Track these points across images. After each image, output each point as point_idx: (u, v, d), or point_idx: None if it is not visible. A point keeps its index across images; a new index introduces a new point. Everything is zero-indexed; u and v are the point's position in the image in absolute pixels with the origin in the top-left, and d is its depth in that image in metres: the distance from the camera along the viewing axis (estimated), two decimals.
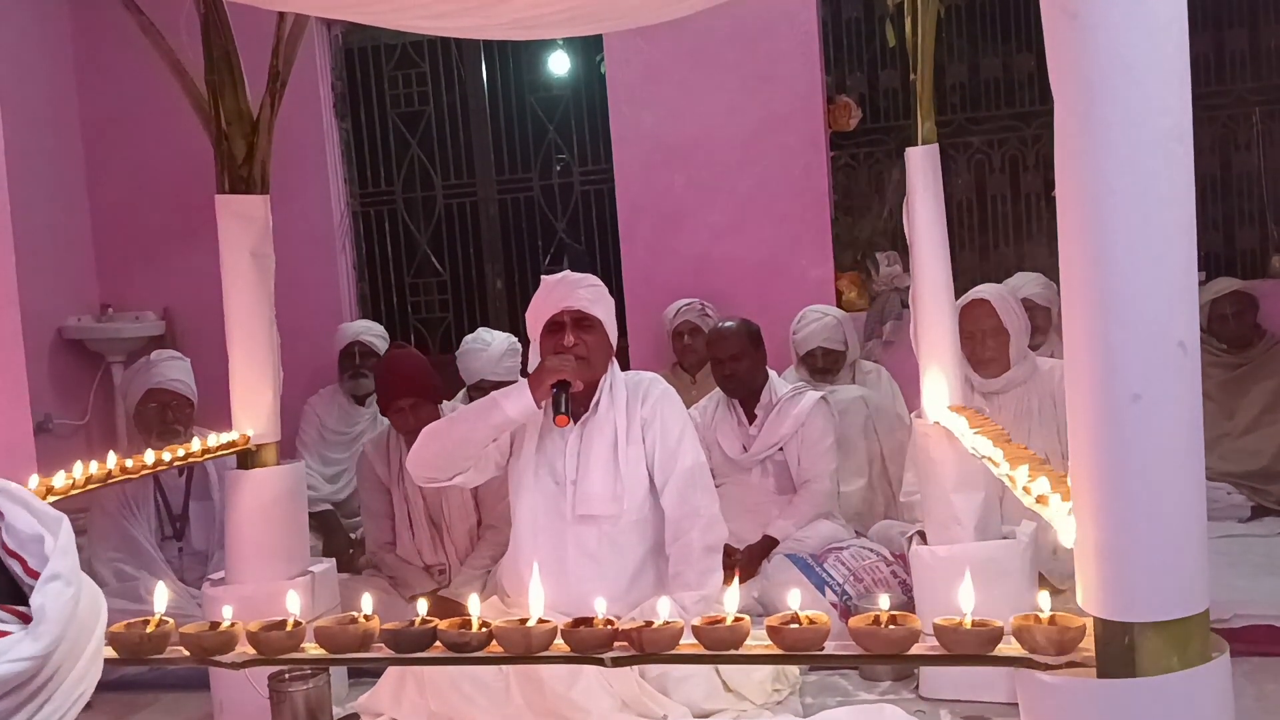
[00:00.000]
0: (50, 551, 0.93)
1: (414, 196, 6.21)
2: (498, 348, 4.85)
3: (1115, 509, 1.41)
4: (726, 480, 4.05)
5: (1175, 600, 1.41)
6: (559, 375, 2.87)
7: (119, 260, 6.07)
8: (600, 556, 3.01)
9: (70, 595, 0.91)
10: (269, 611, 1.83)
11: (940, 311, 2.91)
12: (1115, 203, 1.37)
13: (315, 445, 5.26)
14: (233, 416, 3.24)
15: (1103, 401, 1.40)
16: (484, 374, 4.79)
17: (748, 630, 1.63)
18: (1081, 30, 1.37)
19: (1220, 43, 5.45)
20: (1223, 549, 4.08)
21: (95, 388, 5.88)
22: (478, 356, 4.85)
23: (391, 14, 3.06)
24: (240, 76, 3.15)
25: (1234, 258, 5.50)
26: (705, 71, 5.48)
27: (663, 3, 3.18)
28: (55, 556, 0.92)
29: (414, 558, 4.01)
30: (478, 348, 4.88)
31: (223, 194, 3.19)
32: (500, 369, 4.79)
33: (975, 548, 2.89)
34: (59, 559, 0.92)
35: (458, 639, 1.68)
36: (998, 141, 5.66)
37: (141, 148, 5.91)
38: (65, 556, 0.93)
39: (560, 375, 2.87)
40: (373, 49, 6.13)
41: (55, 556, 0.92)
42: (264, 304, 3.23)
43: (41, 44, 5.82)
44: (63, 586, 0.91)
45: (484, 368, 4.81)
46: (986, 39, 5.65)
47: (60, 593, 0.90)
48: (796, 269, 5.45)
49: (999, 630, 1.54)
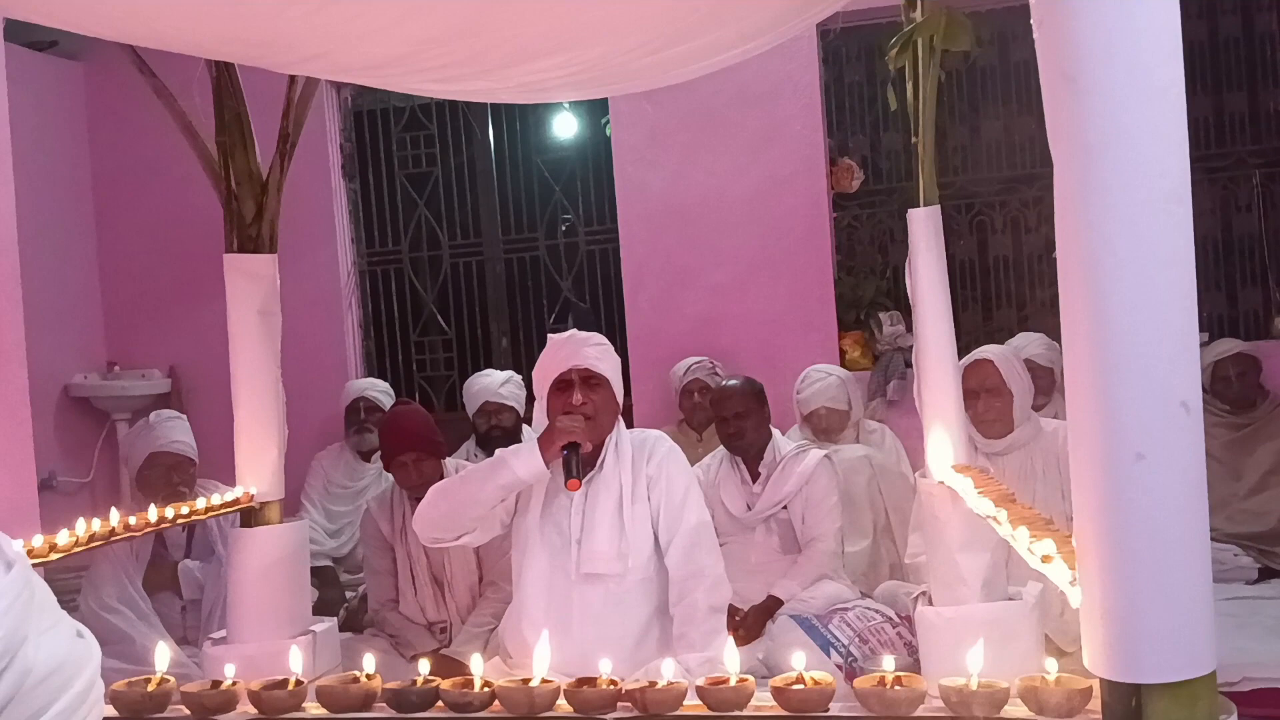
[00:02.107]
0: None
1: (420, 256, 6.25)
2: (499, 376, 5.16)
3: (1120, 569, 1.41)
4: (730, 539, 4.03)
5: (1182, 662, 1.40)
6: (570, 437, 2.85)
7: (126, 318, 6.11)
8: (605, 616, 2.98)
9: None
10: (270, 670, 1.82)
11: (944, 371, 2.91)
12: (1115, 264, 1.38)
13: (320, 499, 5.28)
14: (237, 474, 3.24)
15: (1106, 461, 1.40)
16: (486, 396, 5.04)
17: (752, 691, 1.62)
18: (1080, 94, 1.39)
19: (1220, 106, 5.51)
20: (1231, 611, 4.05)
21: (100, 445, 5.89)
22: (478, 382, 5.16)
23: (401, 78, 3.11)
24: (251, 138, 3.19)
25: (1236, 318, 5.51)
26: (709, 134, 5.55)
27: (667, 67, 3.22)
28: None
29: (417, 615, 3.99)
30: (479, 376, 5.23)
31: (231, 253, 3.22)
32: (503, 392, 5.04)
33: (981, 609, 2.87)
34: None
35: (460, 699, 1.67)
36: (999, 203, 5.71)
37: (150, 207, 5.97)
38: (3, 598, 0.84)
39: (571, 437, 2.86)
40: (381, 111, 6.21)
41: None
42: (270, 362, 3.25)
43: (54, 103, 5.90)
44: None
45: (486, 389, 5.06)
46: (987, 102, 5.72)
47: None
48: (800, 328, 5.47)
49: (1005, 692, 1.53)
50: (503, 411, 5.02)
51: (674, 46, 2.94)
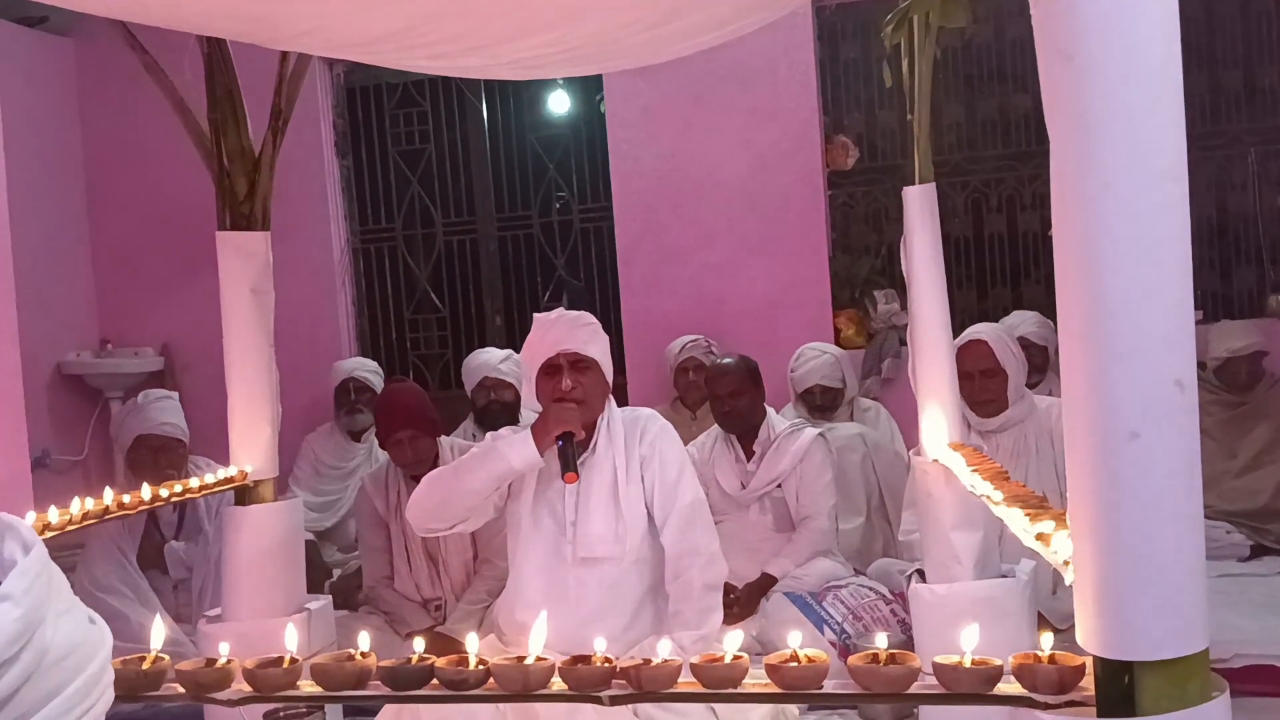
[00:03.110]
0: (8, 567, 0.86)
1: (414, 233, 6.24)
2: (499, 353, 5.15)
3: (1114, 547, 1.41)
4: (725, 517, 4.04)
5: (1175, 639, 1.41)
6: (564, 427, 2.84)
7: (119, 296, 6.09)
8: (601, 598, 2.98)
9: (16, 617, 0.84)
10: (265, 648, 1.82)
11: (938, 349, 2.91)
12: (1111, 242, 1.37)
13: (309, 481, 5.27)
14: (230, 452, 3.23)
15: (1100, 439, 1.40)
16: (485, 372, 5.05)
17: (746, 668, 1.62)
18: (1076, 71, 1.38)
19: (1216, 83, 5.50)
20: (1222, 588, 4.07)
21: (93, 423, 5.88)
22: (478, 358, 5.17)
23: (394, 54, 3.09)
24: (243, 114, 3.16)
25: (1231, 297, 5.52)
26: (704, 111, 5.53)
27: (661, 43, 3.20)
28: (13, 576, 0.86)
29: (411, 592, 4.00)
30: (479, 353, 5.24)
31: (224, 230, 3.20)
32: (502, 368, 5.04)
33: (975, 586, 2.88)
34: (16, 579, 0.85)
35: (455, 676, 1.67)
36: (994, 181, 5.70)
37: (142, 184, 5.95)
38: (23, 578, 0.86)
39: (565, 427, 2.85)
40: (374, 88, 6.18)
41: (13, 576, 0.86)
42: (263, 340, 3.23)
43: (45, 80, 5.87)
44: (10, 608, 0.84)
45: (485, 365, 5.06)
46: (983, 80, 5.70)
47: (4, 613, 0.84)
48: (794, 306, 5.47)
49: (998, 669, 1.53)
50: (501, 387, 5.00)
51: (668, 23, 2.92)
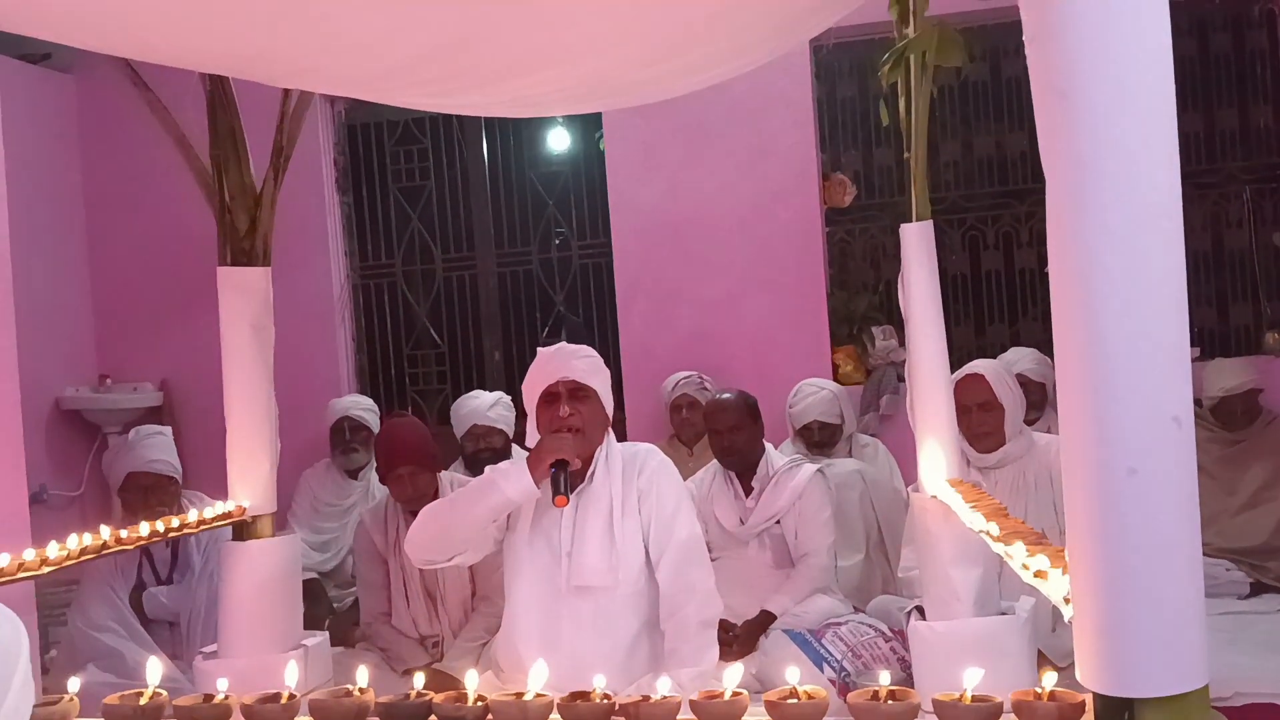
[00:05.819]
0: None
1: (414, 269, 6.26)
2: (488, 398, 5.06)
3: (1113, 584, 1.41)
4: (723, 554, 4.03)
5: (1175, 676, 1.40)
6: (558, 455, 2.85)
7: (118, 331, 6.10)
8: (595, 629, 2.97)
9: None
10: (262, 685, 1.81)
11: (936, 385, 2.92)
12: (1107, 279, 1.38)
13: (307, 518, 5.25)
14: (229, 487, 3.23)
15: (1098, 476, 1.41)
16: (474, 420, 4.99)
17: (745, 705, 1.61)
18: (1072, 109, 1.39)
19: (1211, 122, 5.55)
20: (1223, 626, 4.05)
21: (91, 459, 5.86)
22: (467, 404, 5.09)
23: (394, 91, 3.11)
24: (245, 151, 3.19)
25: (1228, 334, 5.54)
26: (702, 149, 5.57)
27: (660, 81, 3.23)
28: None
29: (409, 629, 3.98)
30: (468, 398, 5.13)
31: (224, 266, 3.21)
32: (491, 415, 4.98)
33: (974, 623, 2.87)
34: None
35: (453, 713, 1.66)
36: (991, 218, 5.73)
37: (143, 220, 5.97)
38: None
39: (559, 455, 2.85)
40: (375, 125, 6.22)
41: None
42: (263, 376, 3.24)
43: (47, 117, 5.90)
44: None
45: (474, 413, 5.00)
46: (979, 117, 5.75)
47: None
48: (792, 343, 5.48)
49: (999, 706, 1.53)
50: (491, 434, 4.98)
51: (667, 61, 2.95)
